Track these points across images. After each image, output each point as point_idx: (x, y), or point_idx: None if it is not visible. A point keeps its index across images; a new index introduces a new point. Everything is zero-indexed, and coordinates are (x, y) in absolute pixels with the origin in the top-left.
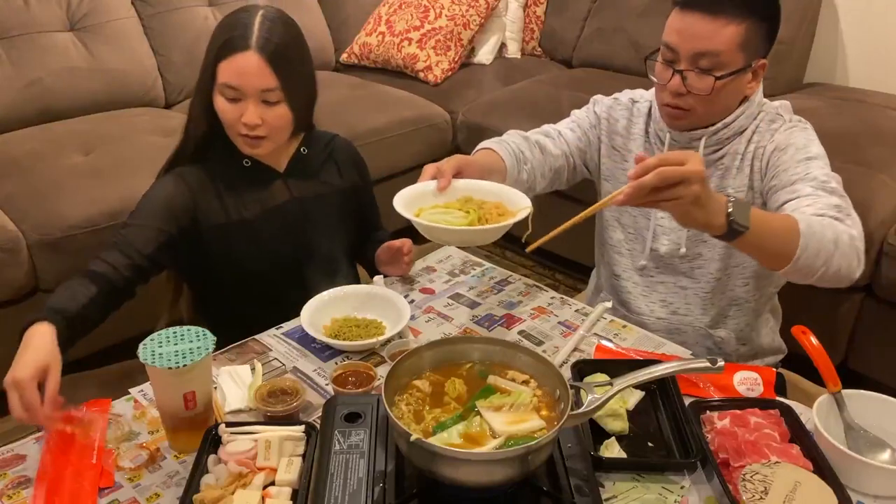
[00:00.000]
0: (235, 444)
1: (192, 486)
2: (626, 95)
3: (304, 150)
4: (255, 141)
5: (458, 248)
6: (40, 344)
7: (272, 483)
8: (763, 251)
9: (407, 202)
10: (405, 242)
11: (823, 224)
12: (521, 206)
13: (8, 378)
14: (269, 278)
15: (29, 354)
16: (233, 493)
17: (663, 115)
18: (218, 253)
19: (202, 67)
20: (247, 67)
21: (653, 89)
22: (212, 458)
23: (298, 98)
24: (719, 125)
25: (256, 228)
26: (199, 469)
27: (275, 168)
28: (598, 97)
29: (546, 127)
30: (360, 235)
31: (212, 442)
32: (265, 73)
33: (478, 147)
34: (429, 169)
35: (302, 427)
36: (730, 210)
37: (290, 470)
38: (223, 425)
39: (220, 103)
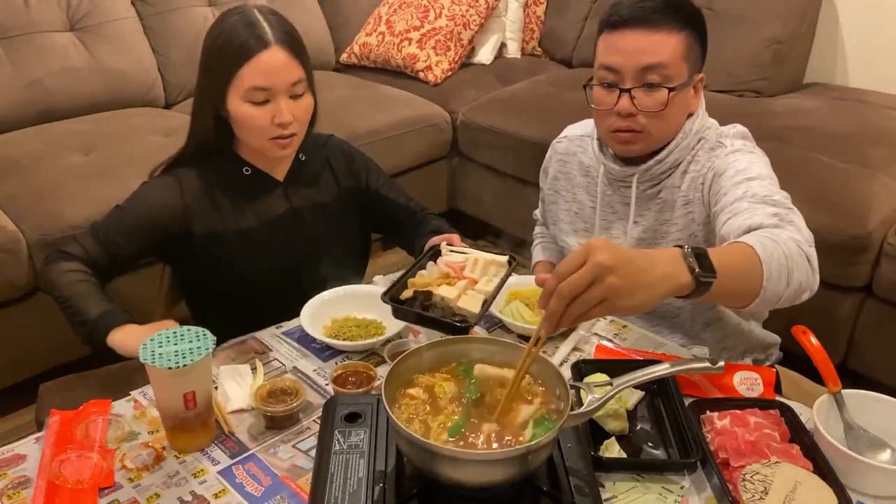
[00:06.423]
0: (452, 257)
1: (410, 272)
2: (559, 138)
3: (302, 157)
4: (288, 140)
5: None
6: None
7: (471, 290)
8: (732, 291)
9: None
10: (452, 238)
11: (770, 240)
12: None
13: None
14: (267, 286)
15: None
16: (439, 285)
17: (612, 142)
18: (214, 260)
19: (209, 78)
20: (275, 64)
21: (584, 122)
22: (431, 262)
23: (313, 83)
24: (651, 162)
25: (255, 239)
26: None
27: (274, 177)
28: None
29: (540, 220)
30: (389, 228)
31: (435, 253)
32: (292, 65)
33: (536, 258)
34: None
35: (507, 257)
36: (695, 269)
37: (487, 284)
38: (444, 244)
39: (247, 110)
